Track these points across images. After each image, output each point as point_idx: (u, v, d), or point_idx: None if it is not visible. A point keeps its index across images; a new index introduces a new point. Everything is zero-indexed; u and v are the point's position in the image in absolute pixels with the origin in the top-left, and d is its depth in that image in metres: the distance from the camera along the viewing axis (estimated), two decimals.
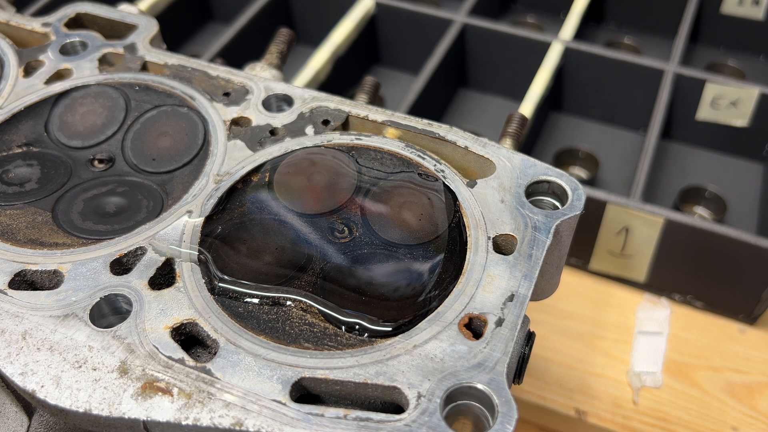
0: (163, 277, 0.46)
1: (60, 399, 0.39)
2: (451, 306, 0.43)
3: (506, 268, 0.45)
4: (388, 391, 0.39)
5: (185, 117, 0.57)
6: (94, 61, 0.61)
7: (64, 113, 0.57)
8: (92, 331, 0.42)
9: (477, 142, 0.53)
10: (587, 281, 0.89)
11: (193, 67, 0.60)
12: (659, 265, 0.84)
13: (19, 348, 0.41)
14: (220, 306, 0.44)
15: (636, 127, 1.08)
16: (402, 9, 1.11)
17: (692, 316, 0.86)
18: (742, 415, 0.77)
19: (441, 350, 0.41)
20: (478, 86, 1.15)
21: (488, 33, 1.07)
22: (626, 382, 0.80)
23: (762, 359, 0.81)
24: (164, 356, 0.41)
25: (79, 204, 0.51)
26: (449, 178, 0.51)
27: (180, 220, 0.49)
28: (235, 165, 0.52)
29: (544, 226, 0.47)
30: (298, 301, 0.44)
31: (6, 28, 0.65)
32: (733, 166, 1.03)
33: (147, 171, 0.54)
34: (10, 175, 0.53)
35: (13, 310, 0.43)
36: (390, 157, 0.53)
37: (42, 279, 0.46)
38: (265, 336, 0.42)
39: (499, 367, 0.40)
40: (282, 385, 0.39)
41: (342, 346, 0.42)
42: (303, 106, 0.57)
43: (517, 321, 0.42)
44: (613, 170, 1.03)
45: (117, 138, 0.56)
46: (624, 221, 0.81)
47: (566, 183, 0.50)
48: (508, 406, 0.37)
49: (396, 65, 1.19)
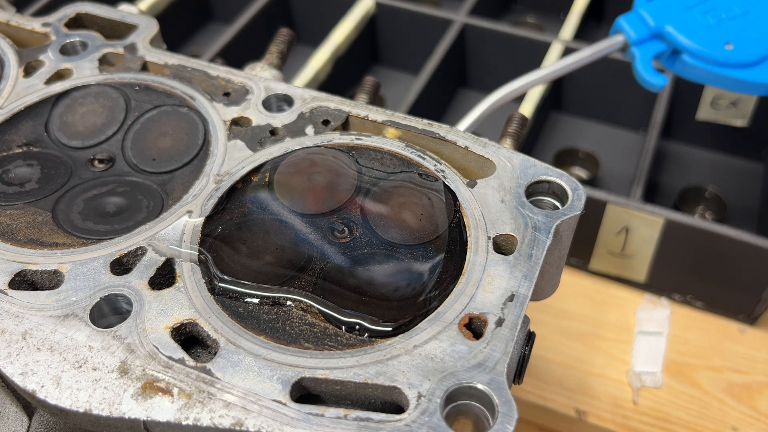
0: (163, 277, 0.46)
1: (60, 399, 0.39)
2: (451, 306, 0.43)
3: (506, 268, 0.45)
4: (388, 391, 0.39)
5: (185, 117, 0.57)
6: (94, 61, 0.61)
7: (65, 113, 0.57)
8: (92, 331, 0.42)
9: (477, 142, 0.53)
10: (587, 281, 0.89)
11: (193, 67, 0.60)
12: (659, 265, 0.84)
13: (19, 348, 0.41)
14: (220, 306, 0.44)
15: (636, 127, 1.08)
16: (402, 9, 1.11)
17: (692, 316, 0.86)
18: (742, 415, 0.77)
19: (441, 350, 0.41)
20: (478, 86, 1.15)
21: (488, 33, 1.07)
22: (626, 382, 0.80)
23: (762, 359, 0.81)
24: (164, 356, 0.41)
25: (79, 204, 0.51)
26: (449, 178, 0.51)
27: (180, 220, 0.49)
28: (236, 165, 0.52)
29: (545, 226, 0.47)
30: (298, 301, 0.44)
31: (6, 28, 0.65)
32: (733, 166, 1.03)
33: (147, 171, 0.54)
34: (10, 175, 0.53)
35: (14, 310, 0.43)
36: (390, 157, 0.53)
37: (42, 279, 0.46)
38: (265, 336, 0.42)
39: (499, 367, 0.40)
40: (282, 385, 0.39)
41: (342, 346, 0.42)
42: (303, 106, 0.57)
43: (517, 321, 0.42)
44: (613, 170, 1.03)
45: (117, 138, 0.56)
46: (624, 221, 0.81)
47: (566, 183, 0.50)
48: (508, 406, 0.37)
49: (396, 65, 1.19)
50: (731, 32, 0.68)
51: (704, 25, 0.68)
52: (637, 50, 0.69)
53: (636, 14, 0.70)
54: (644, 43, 0.69)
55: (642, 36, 0.69)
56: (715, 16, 0.69)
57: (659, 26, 0.68)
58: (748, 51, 0.68)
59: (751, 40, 0.68)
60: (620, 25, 0.70)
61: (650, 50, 0.69)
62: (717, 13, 0.69)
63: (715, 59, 0.67)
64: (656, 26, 0.68)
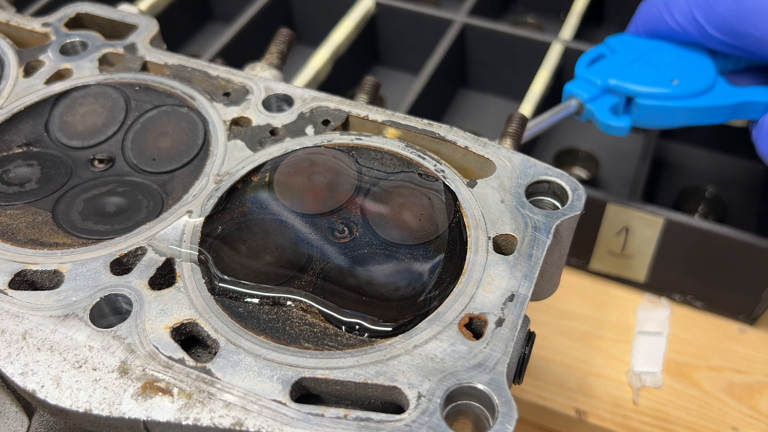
0: (163, 277, 0.46)
1: (60, 399, 0.39)
2: (451, 306, 0.43)
3: (506, 268, 0.45)
4: (388, 391, 0.39)
5: (185, 117, 0.57)
6: (94, 61, 0.61)
7: (64, 113, 0.57)
8: (92, 331, 0.42)
9: (477, 142, 0.53)
10: (587, 281, 0.89)
11: (193, 67, 0.60)
12: (659, 265, 0.84)
13: (19, 348, 0.41)
14: (220, 306, 0.44)
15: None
16: (402, 9, 1.11)
17: (692, 316, 0.86)
18: (742, 415, 0.77)
19: (441, 350, 0.41)
20: (478, 86, 1.15)
21: (488, 33, 1.07)
22: (626, 382, 0.80)
23: (762, 359, 0.81)
24: (164, 356, 0.41)
25: (79, 204, 0.51)
26: (449, 178, 0.51)
27: (180, 220, 0.49)
28: (235, 165, 0.52)
29: (545, 226, 0.47)
30: (298, 301, 0.44)
31: (6, 28, 0.65)
32: (733, 166, 1.03)
33: (147, 171, 0.54)
34: (10, 175, 0.53)
35: (14, 310, 0.43)
36: (390, 157, 0.53)
37: (42, 279, 0.46)
38: (265, 336, 0.42)
39: (499, 367, 0.40)
40: (282, 385, 0.39)
41: (342, 346, 0.42)
42: (303, 106, 0.57)
43: (517, 321, 0.42)
44: (613, 170, 1.03)
45: (117, 138, 0.56)
46: (624, 221, 0.81)
47: (566, 183, 0.50)
48: (508, 406, 0.37)
49: (396, 65, 1.19)
50: (672, 73, 0.74)
51: (646, 73, 0.74)
52: (593, 106, 0.74)
53: (581, 79, 0.76)
54: (597, 99, 0.74)
55: (593, 94, 0.74)
56: (653, 65, 0.75)
57: (606, 82, 0.74)
58: (694, 83, 0.73)
59: (693, 74, 0.74)
60: (571, 91, 0.75)
61: (605, 103, 0.74)
62: (654, 63, 0.75)
63: (667, 95, 0.72)
64: (603, 83, 0.74)
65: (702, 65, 0.75)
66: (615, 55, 0.77)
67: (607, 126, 0.73)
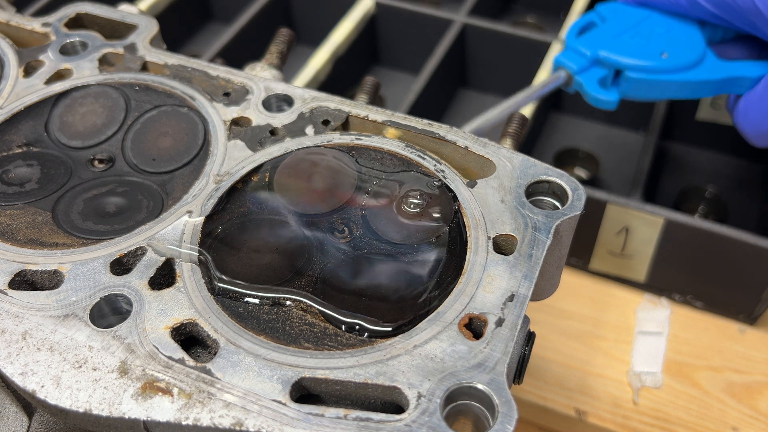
0: (163, 277, 0.46)
1: (60, 399, 0.39)
2: (451, 306, 0.43)
3: (506, 268, 0.45)
4: (388, 391, 0.39)
5: (185, 117, 0.57)
6: (94, 61, 0.61)
7: (64, 113, 0.57)
8: (92, 331, 0.42)
9: (477, 142, 0.53)
10: (587, 281, 0.89)
11: (193, 67, 0.60)
12: (659, 265, 0.84)
13: (19, 348, 0.41)
14: (220, 306, 0.44)
15: (636, 127, 1.08)
16: (402, 9, 1.11)
17: (692, 316, 0.86)
18: (742, 415, 0.77)
19: (441, 350, 0.41)
20: (478, 86, 1.15)
21: (488, 33, 1.07)
22: (626, 382, 0.80)
23: (762, 359, 0.81)
24: (164, 356, 0.41)
25: (79, 204, 0.51)
26: (449, 178, 0.51)
27: (180, 220, 0.49)
28: (235, 165, 0.52)
29: (545, 226, 0.47)
30: (298, 301, 0.44)
31: (6, 28, 0.65)
32: (733, 166, 1.03)
33: (147, 171, 0.54)
34: (10, 175, 0.53)
35: (14, 310, 0.43)
36: (390, 157, 0.53)
37: (42, 279, 0.46)
38: (265, 336, 0.42)
39: (499, 367, 0.40)
40: (282, 385, 0.39)
41: (342, 346, 0.42)
42: (303, 106, 0.57)
43: (517, 321, 0.42)
44: (613, 170, 1.03)
45: (117, 138, 0.56)
46: (624, 221, 0.81)
47: (566, 183, 0.50)
48: (508, 406, 0.37)
49: (396, 65, 1.19)
50: (662, 45, 0.73)
51: (636, 44, 0.73)
52: (582, 78, 0.74)
53: (570, 50, 0.75)
54: (586, 71, 0.74)
55: (582, 65, 0.73)
56: (643, 37, 0.74)
57: (595, 54, 0.73)
58: (683, 56, 0.72)
59: (682, 48, 0.73)
60: (560, 62, 0.75)
61: (594, 75, 0.74)
62: (644, 34, 0.74)
63: (656, 68, 0.72)
64: (593, 54, 0.73)
65: (692, 38, 0.74)
66: (605, 24, 0.76)
67: (595, 99, 0.73)
